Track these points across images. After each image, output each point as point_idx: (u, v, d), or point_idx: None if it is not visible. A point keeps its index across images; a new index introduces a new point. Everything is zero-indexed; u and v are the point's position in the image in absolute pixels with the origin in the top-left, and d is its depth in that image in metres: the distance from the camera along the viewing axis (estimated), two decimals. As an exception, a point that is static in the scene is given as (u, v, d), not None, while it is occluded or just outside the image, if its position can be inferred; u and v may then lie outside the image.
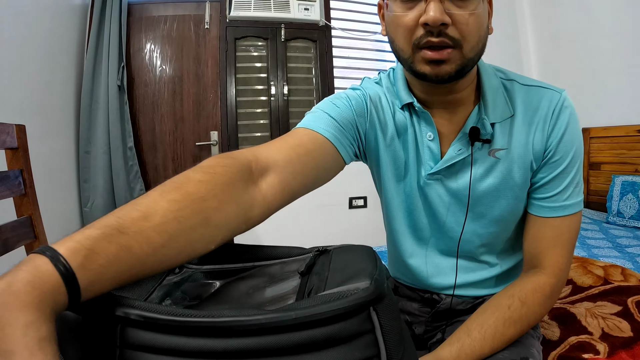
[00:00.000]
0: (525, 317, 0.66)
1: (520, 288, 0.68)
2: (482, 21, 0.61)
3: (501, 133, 0.68)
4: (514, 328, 0.65)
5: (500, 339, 0.65)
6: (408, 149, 0.74)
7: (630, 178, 2.22)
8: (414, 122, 0.73)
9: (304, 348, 0.36)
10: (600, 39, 2.51)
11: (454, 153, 0.69)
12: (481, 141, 0.67)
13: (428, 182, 0.73)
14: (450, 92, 0.68)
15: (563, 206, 0.68)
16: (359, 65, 2.99)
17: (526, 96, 0.69)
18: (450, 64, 0.59)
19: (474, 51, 0.61)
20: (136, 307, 0.38)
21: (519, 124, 0.68)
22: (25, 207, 1.04)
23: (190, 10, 2.61)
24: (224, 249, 0.67)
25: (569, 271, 0.71)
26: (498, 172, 0.69)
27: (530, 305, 0.66)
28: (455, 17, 0.57)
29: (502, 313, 0.66)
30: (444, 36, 0.58)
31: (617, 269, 1.20)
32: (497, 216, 0.73)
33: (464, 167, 0.70)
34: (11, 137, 1.01)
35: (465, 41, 0.59)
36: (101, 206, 2.30)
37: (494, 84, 0.70)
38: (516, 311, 0.65)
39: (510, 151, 0.68)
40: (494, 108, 0.68)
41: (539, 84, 0.70)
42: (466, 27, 0.58)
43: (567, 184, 0.68)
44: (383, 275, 0.43)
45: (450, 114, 0.70)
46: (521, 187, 0.70)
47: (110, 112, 2.29)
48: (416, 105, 0.70)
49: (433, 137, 0.71)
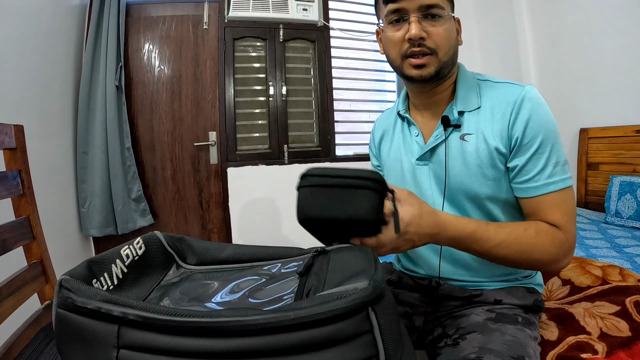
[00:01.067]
0: (534, 246, 0.73)
1: (537, 223, 0.76)
2: (451, 34, 0.81)
3: (469, 121, 0.83)
4: (518, 247, 0.73)
5: (505, 247, 0.73)
6: (402, 144, 0.94)
7: (628, 178, 2.22)
8: (404, 126, 0.95)
9: (303, 348, 0.36)
10: (598, 40, 2.51)
11: (432, 139, 0.86)
12: (451, 126, 0.83)
13: (417, 166, 0.90)
14: (433, 94, 0.87)
15: (547, 183, 0.76)
16: (358, 66, 2.99)
17: (494, 91, 0.83)
18: (430, 67, 0.79)
19: (447, 56, 0.80)
20: (135, 307, 0.38)
21: (485, 113, 0.82)
22: (24, 207, 1.04)
23: (189, 10, 2.60)
24: (222, 249, 0.67)
25: (575, 239, 0.78)
26: (467, 153, 0.82)
27: (541, 239, 0.74)
28: (430, 32, 0.78)
29: (518, 230, 0.74)
30: (423, 46, 0.78)
31: (615, 269, 1.20)
32: (470, 193, 0.83)
33: (442, 151, 0.85)
34: (9, 137, 1.01)
35: (439, 49, 0.79)
36: (99, 206, 2.30)
37: (470, 82, 0.87)
38: (528, 236, 0.73)
39: (476, 135, 0.81)
40: (463, 100, 0.84)
41: (506, 82, 0.84)
42: (438, 38, 0.78)
43: (544, 163, 0.76)
44: (382, 275, 0.43)
45: (433, 112, 0.89)
46: (488, 166, 0.80)
47: (108, 112, 2.29)
48: (402, 112, 0.93)
49: (418, 133, 0.91)
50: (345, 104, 2.98)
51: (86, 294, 0.41)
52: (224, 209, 2.67)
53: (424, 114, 0.91)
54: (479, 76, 0.89)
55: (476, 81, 0.87)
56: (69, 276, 0.44)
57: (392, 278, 1.01)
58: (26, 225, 1.03)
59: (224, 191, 2.65)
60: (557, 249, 0.74)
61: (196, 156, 2.63)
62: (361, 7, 2.97)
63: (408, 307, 0.95)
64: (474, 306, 0.87)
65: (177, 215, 2.63)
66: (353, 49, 2.96)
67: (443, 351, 0.78)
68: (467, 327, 0.80)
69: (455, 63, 0.85)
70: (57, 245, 1.81)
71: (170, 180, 2.60)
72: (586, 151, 2.59)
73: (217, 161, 2.65)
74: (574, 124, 2.66)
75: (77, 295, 0.41)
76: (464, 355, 0.72)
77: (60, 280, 0.44)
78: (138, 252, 0.59)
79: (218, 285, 0.56)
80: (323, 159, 2.82)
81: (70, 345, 0.42)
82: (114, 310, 0.38)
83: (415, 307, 0.94)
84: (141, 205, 2.44)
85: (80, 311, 0.40)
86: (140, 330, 0.37)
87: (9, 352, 0.85)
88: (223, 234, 2.69)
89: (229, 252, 0.66)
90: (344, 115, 2.95)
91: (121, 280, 0.54)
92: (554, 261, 0.75)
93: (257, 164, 2.66)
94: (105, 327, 0.39)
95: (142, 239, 0.61)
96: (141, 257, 0.59)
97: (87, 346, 0.40)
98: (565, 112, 2.69)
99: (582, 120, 2.64)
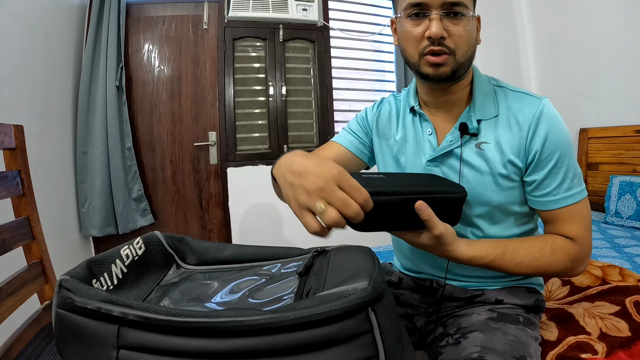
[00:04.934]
0: (550, 264, 0.75)
1: (553, 239, 0.78)
2: (472, 35, 0.78)
3: (486, 130, 0.82)
4: (533, 268, 0.75)
5: (520, 269, 0.75)
6: (409, 142, 0.91)
7: (628, 178, 2.22)
8: (416, 121, 0.91)
9: (303, 348, 0.36)
10: (598, 39, 2.51)
11: (446, 143, 0.84)
12: (469, 134, 0.81)
13: (428, 167, 0.87)
14: (447, 93, 0.84)
15: (565, 197, 0.77)
16: (357, 66, 2.99)
17: (510, 101, 0.82)
18: (447, 66, 0.76)
19: (465, 57, 0.78)
20: (134, 307, 0.38)
21: (502, 123, 0.81)
22: (23, 207, 1.04)
23: (189, 10, 2.60)
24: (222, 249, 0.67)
25: (591, 248, 0.80)
26: (482, 162, 0.81)
27: (557, 256, 0.75)
28: (450, 31, 0.75)
29: (534, 252, 0.75)
30: (442, 45, 0.75)
31: (615, 269, 1.20)
32: (481, 200, 0.82)
33: (456, 157, 0.83)
34: (9, 137, 1.01)
35: (458, 49, 0.76)
36: (98, 207, 2.30)
37: (486, 89, 0.85)
38: (544, 256, 0.75)
39: (492, 145, 0.80)
40: (481, 108, 0.82)
41: (523, 92, 0.83)
42: (459, 39, 0.76)
43: (562, 178, 0.77)
44: (382, 275, 0.43)
45: (447, 112, 0.87)
46: (502, 177, 0.80)
47: (109, 112, 2.28)
48: (416, 108, 0.89)
49: (431, 132, 0.87)
50: (345, 104, 2.98)
51: (86, 294, 0.41)
52: (224, 209, 2.67)
53: (435, 112, 0.88)
54: (494, 81, 0.88)
55: (492, 87, 0.86)
56: (69, 276, 0.44)
57: (392, 279, 1.01)
58: (26, 225, 1.02)
59: (224, 191, 2.65)
60: (572, 262, 0.77)
61: (196, 156, 2.63)
62: (361, 7, 2.97)
63: (409, 308, 0.95)
64: (475, 306, 0.87)
65: (176, 215, 2.63)
66: (353, 49, 2.96)
67: (445, 350, 0.78)
68: (469, 327, 0.80)
69: (471, 63, 0.82)
70: (56, 246, 1.81)
71: (170, 180, 2.60)
72: (586, 151, 2.59)
73: (217, 161, 2.65)
74: (573, 123, 2.66)
75: (77, 296, 0.41)
76: (466, 355, 0.72)
77: (60, 280, 0.44)
78: (138, 252, 0.59)
79: (218, 285, 0.56)
80: (323, 159, 2.81)
81: (70, 345, 0.42)
82: (113, 311, 0.38)
83: (416, 308, 0.94)
84: (142, 205, 2.44)
85: (80, 311, 0.40)
86: (140, 330, 0.37)
87: (8, 352, 0.85)
88: (223, 234, 2.69)
89: (229, 252, 0.66)
90: (344, 115, 2.95)
91: (121, 280, 0.54)
92: (568, 272, 0.78)
93: (257, 164, 2.66)
94: (105, 328, 0.39)
95: (141, 239, 0.61)
96: (141, 257, 0.59)
97: (87, 346, 0.40)
98: (565, 112, 2.67)
99: (582, 120, 2.64)
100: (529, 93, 0.83)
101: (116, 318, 0.38)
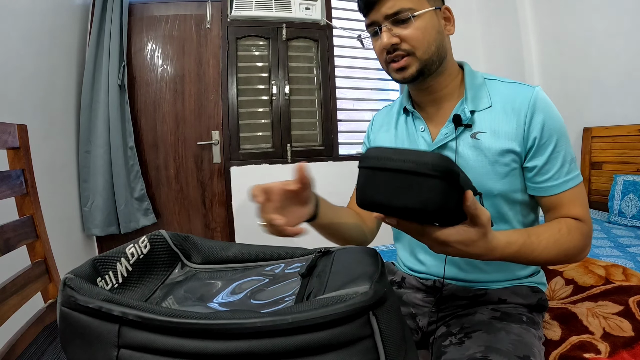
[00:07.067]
0: (569, 244, 0.75)
1: (565, 220, 0.78)
2: (427, 31, 0.80)
3: (481, 120, 0.83)
4: (557, 249, 0.73)
5: (547, 253, 0.72)
6: (403, 141, 0.95)
7: (632, 177, 2.21)
8: (408, 120, 0.95)
9: (302, 352, 0.35)
10: (601, 39, 2.50)
11: (441, 137, 0.86)
12: (463, 125, 0.83)
13: None
14: (433, 91, 0.88)
15: (566, 180, 0.79)
16: (360, 65, 2.99)
17: (503, 90, 0.85)
18: (411, 67, 0.82)
19: (428, 53, 0.81)
20: (134, 307, 0.38)
21: (497, 112, 0.83)
22: (27, 206, 1.04)
23: (192, 9, 2.61)
24: (227, 248, 0.67)
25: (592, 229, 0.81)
26: (479, 151, 0.82)
27: (573, 235, 0.75)
28: (402, 36, 0.80)
29: (554, 233, 0.74)
30: (399, 50, 0.81)
31: (618, 268, 1.20)
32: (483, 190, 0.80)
33: (452, 150, 0.85)
34: (13, 136, 1.01)
35: (417, 49, 0.80)
36: (101, 206, 2.30)
37: (477, 82, 0.87)
38: (563, 236, 0.74)
39: (488, 134, 0.82)
40: (473, 100, 0.85)
41: (514, 82, 0.86)
42: (413, 40, 0.79)
43: (562, 161, 0.79)
44: (385, 278, 0.43)
45: (438, 108, 0.90)
46: (501, 164, 0.81)
47: (111, 111, 2.29)
48: (408, 107, 0.94)
49: (424, 128, 0.91)
50: (348, 103, 2.98)
51: (88, 293, 0.41)
52: (227, 208, 2.67)
53: (427, 110, 0.91)
54: (485, 75, 0.90)
55: (484, 80, 0.88)
56: (74, 275, 0.44)
57: (395, 279, 1.01)
58: (30, 224, 1.03)
59: (227, 190, 2.65)
60: (585, 240, 0.77)
61: (199, 155, 2.63)
62: (364, 6, 2.96)
63: (412, 307, 0.95)
64: (479, 305, 0.87)
65: (180, 214, 2.63)
66: (356, 48, 2.95)
67: (448, 350, 0.78)
68: (472, 326, 0.80)
69: (444, 55, 0.84)
70: (60, 244, 1.82)
71: (173, 179, 2.60)
72: (589, 150, 2.57)
73: (220, 160, 2.65)
74: (577, 123, 2.64)
75: (79, 294, 0.41)
76: (470, 354, 0.72)
77: (64, 278, 0.44)
78: (143, 250, 0.59)
79: (221, 285, 0.56)
80: (326, 158, 2.82)
81: (73, 343, 0.42)
82: (114, 310, 0.38)
83: (420, 307, 0.94)
84: (144, 204, 2.44)
85: (82, 310, 0.41)
86: (140, 330, 0.37)
87: (12, 350, 0.86)
88: (226, 233, 2.70)
89: (234, 251, 0.66)
90: (347, 114, 2.95)
91: (126, 278, 0.54)
92: (583, 250, 0.78)
93: (260, 163, 2.66)
94: (106, 327, 0.39)
95: (147, 238, 0.61)
96: (146, 255, 0.59)
97: (89, 344, 0.40)
98: (569, 111, 2.68)
99: (586, 119, 2.63)
100: (521, 83, 0.85)
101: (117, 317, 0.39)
